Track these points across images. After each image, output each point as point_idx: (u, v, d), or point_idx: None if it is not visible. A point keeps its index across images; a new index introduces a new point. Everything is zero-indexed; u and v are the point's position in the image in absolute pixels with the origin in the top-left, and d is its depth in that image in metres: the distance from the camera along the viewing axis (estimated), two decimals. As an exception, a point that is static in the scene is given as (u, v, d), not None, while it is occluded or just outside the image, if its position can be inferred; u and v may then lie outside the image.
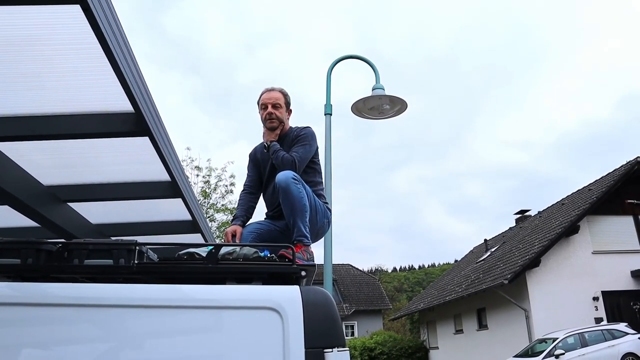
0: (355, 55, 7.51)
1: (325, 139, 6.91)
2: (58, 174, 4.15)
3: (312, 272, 2.42)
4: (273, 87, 3.47)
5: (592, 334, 15.20)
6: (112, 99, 3.13)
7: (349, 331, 35.75)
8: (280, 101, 3.40)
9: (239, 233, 3.18)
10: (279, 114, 3.39)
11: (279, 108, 3.39)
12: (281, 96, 3.43)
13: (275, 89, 3.46)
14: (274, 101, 3.39)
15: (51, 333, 1.98)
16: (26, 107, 3.24)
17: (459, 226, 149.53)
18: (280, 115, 3.39)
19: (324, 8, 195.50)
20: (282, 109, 3.41)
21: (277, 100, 3.40)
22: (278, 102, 3.39)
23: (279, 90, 3.45)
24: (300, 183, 3.00)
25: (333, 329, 2.04)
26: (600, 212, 19.72)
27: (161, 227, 5.67)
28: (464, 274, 26.37)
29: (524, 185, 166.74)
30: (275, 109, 3.38)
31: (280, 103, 3.40)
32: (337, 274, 37.76)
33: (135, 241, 2.19)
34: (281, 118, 3.40)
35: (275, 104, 3.38)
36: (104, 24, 2.40)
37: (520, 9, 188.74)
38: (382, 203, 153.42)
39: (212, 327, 2.05)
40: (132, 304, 2.03)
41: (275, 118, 3.38)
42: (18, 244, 2.17)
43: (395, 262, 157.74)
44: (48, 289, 2.08)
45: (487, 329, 21.96)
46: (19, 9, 2.43)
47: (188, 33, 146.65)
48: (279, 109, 3.39)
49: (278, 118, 3.38)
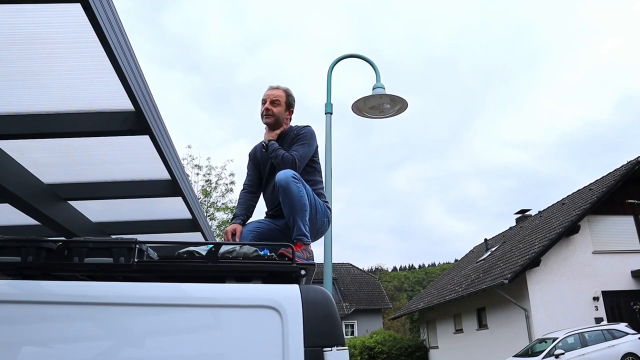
0: (356, 54, 7.50)
1: (325, 137, 6.92)
2: (58, 172, 4.16)
3: (312, 271, 2.42)
4: (279, 85, 3.45)
5: (592, 334, 15.20)
6: (113, 98, 3.14)
7: (349, 330, 35.77)
8: (280, 98, 3.38)
9: (238, 232, 3.18)
10: (276, 111, 3.36)
11: (278, 105, 3.37)
12: (283, 94, 3.41)
13: (280, 87, 3.44)
14: (274, 97, 3.37)
15: (51, 331, 1.99)
16: (27, 105, 3.25)
17: (458, 225, 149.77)
18: (278, 112, 3.37)
19: (324, 7, 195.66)
20: (281, 107, 3.38)
21: (277, 97, 3.38)
22: (278, 99, 3.37)
23: (283, 89, 3.43)
24: (300, 182, 3.00)
25: (332, 328, 2.04)
26: (600, 212, 19.72)
27: (161, 226, 5.68)
28: (464, 274, 26.37)
29: (523, 185, 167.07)
30: (273, 106, 3.36)
31: (279, 100, 3.38)
32: (337, 273, 37.79)
33: (135, 239, 2.20)
34: (278, 115, 3.37)
35: (275, 100, 3.37)
36: (104, 23, 2.40)
37: (519, 9, 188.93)
38: (382, 202, 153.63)
39: (212, 325, 2.06)
40: (132, 302, 2.03)
41: (271, 114, 3.35)
42: (18, 241, 2.17)
43: (395, 262, 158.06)
44: (48, 286, 2.08)
45: (487, 328, 21.97)
46: (20, 8, 2.44)
47: (188, 32, 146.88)
48: (277, 106, 3.37)
49: (274, 114, 3.36)
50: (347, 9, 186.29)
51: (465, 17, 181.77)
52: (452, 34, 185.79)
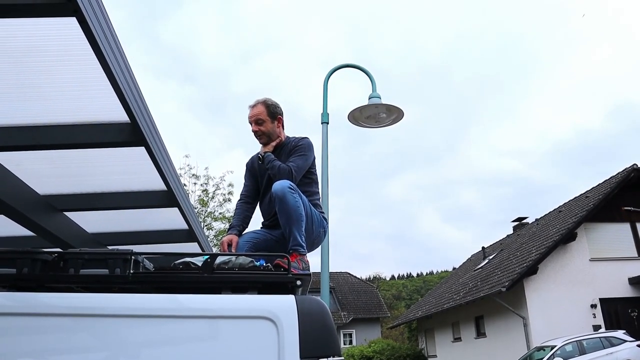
0: (352, 64, 7.55)
1: (322, 147, 6.95)
2: (54, 183, 4.16)
3: (308, 281, 2.42)
4: (257, 100, 3.43)
5: (591, 342, 15.17)
6: (108, 110, 3.15)
7: (347, 339, 35.62)
8: (261, 116, 3.37)
9: (235, 242, 3.18)
10: (264, 129, 3.37)
11: (262, 123, 3.37)
12: (262, 110, 3.38)
13: (257, 102, 3.42)
14: (256, 117, 3.37)
15: (47, 343, 1.99)
16: (23, 117, 3.25)
17: (454, 233, 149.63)
18: (266, 129, 3.37)
19: (318, 18, 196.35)
20: (267, 122, 3.38)
21: (259, 115, 3.37)
22: (260, 118, 3.37)
23: (261, 103, 3.41)
24: (297, 192, 3.01)
25: (328, 338, 2.04)
26: (597, 219, 19.75)
27: (157, 236, 5.67)
28: (461, 282, 26.34)
29: (518, 193, 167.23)
30: (259, 125, 3.37)
31: (262, 118, 3.37)
32: (335, 282, 37.69)
33: (131, 250, 2.20)
34: (268, 132, 3.38)
35: (258, 120, 3.37)
36: (99, 36, 2.42)
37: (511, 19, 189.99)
38: (378, 210, 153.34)
39: (208, 336, 2.05)
40: (127, 313, 2.04)
41: (260, 134, 3.38)
42: (14, 253, 2.18)
43: (393, 270, 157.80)
44: (44, 298, 2.08)
45: (486, 336, 21.91)
46: (15, 21, 2.45)
47: (183, 42, 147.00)
48: (262, 124, 3.37)
49: (265, 133, 3.38)
50: (341, 19, 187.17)
51: (458, 27, 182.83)
52: (445, 43, 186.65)
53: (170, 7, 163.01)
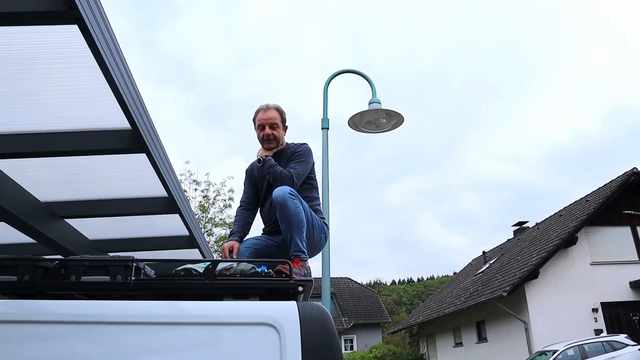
0: (352, 69, 7.57)
1: (322, 153, 6.95)
2: (55, 190, 4.16)
3: (309, 287, 2.42)
4: (268, 104, 3.43)
5: (592, 346, 15.14)
6: (110, 117, 3.15)
7: (348, 345, 35.53)
8: (277, 120, 3.38)
9: (236, 249, 3.18)
10: (277, 134, 3.38)
11: (277, 128, 3.38)
12: (278, 115, 3.40)
13: (270, 106, 3.42)
14: (272, 121, 3.36)
15: (49, 351, 1.98)
16: (24, 124, 3.26)
17: (454, 238, 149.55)
18: (278, 135, 3.39)
19: (316, 24, 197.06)
20: (280, 128, 3.40)
21: (275, 120, 3.37)
22: (275, 122, 3.37)
23: (275, 108, 3.42)
24: (297, 198, 3.01)
25: (330, 344, 2.04)
26: (597, 223, 19.75)
27: (158, 243, 5.66)
28: (462, 287, 26.30)
29: (517, 197, 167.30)
30: (273, 130, 3.37)
31: (277, 122, 3.38)
32: (336, 287, 37.62)
33: (132, 257, 2.19)
34: (279, 138, 3.40)
35: (273, 124, 3.37)
36: (101, 43, 2.43)
37: (508, 24, 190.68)
38: (379, 215, 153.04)
39: (210, 343, 2.05)
40: (129, 320, 2.03)
41: (273, 139, 3.38)
42: (14, 260, 2.17)
43: (393, 275, 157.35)
44: (45, 306, 2.08)
45: (487, 341, 21.86)
46: (17, 29, 2.46)
47: (182, 49, 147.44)
48: (276, 129, 3.38)
49: (276, 138, 3.38)
50: (339, 25, 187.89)
51: (455, 33, 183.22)
52: (443, 49, 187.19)
53: (169, 15, 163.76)
